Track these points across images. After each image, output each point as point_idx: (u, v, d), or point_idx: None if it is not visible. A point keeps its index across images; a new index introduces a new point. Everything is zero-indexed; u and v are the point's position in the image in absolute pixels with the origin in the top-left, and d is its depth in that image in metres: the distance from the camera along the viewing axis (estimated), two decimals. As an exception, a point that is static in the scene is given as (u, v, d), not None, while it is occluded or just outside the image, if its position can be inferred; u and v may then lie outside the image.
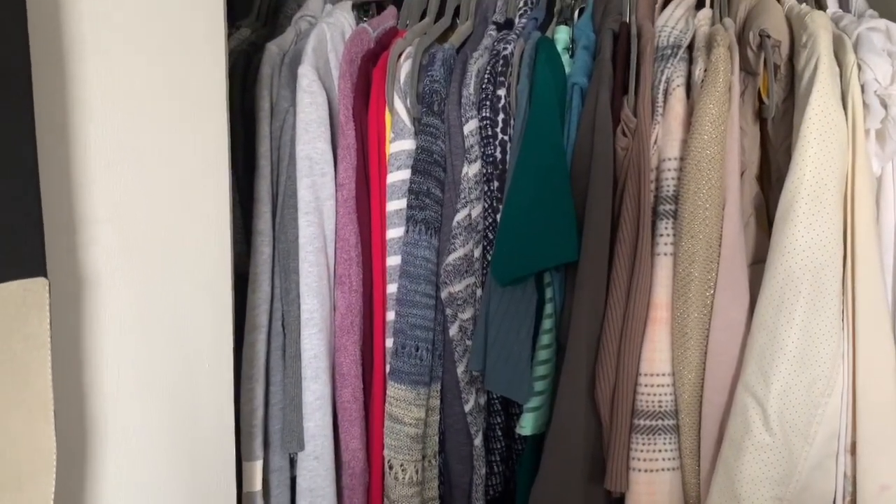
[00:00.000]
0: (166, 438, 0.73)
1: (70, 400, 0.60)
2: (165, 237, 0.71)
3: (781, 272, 0.90)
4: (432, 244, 1.01)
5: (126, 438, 0.67)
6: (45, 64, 0.57)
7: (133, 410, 0.68)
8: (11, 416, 0.51)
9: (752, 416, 0.91)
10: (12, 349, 0.51)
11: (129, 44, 0.66)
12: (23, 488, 0.52)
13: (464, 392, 1.05)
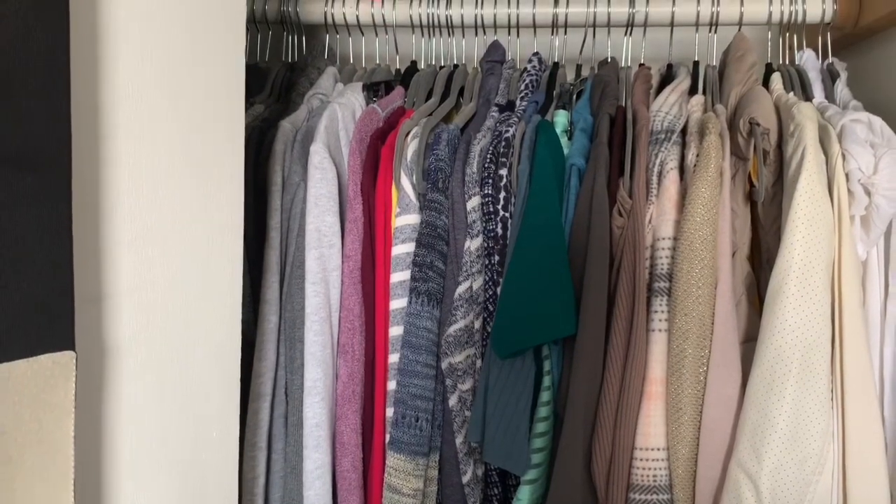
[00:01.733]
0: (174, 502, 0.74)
1: (88, 470, 0.62)
2: (183, 311, 0.73)
3: (772, 350, 0.93)
4: (434, 315, 1.04)
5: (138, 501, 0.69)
6: (82, 146, 0.61)
7: (146, 483, 0.69)
8: (36, 486, 0.53)
9: (745, 492, 0.93)
10: (39, 419, 0.53)
11: (156, 122, 0.70)
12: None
13: (462, 463, 1.06)
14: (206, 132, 0.78)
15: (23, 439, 0.52)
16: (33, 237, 0.54)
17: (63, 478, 0.55)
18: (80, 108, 0.60)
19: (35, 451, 0.53)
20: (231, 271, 0.80)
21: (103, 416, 0.64)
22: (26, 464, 0.53)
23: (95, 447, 0.64)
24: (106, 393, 0.64)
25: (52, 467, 0.55)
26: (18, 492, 0.52)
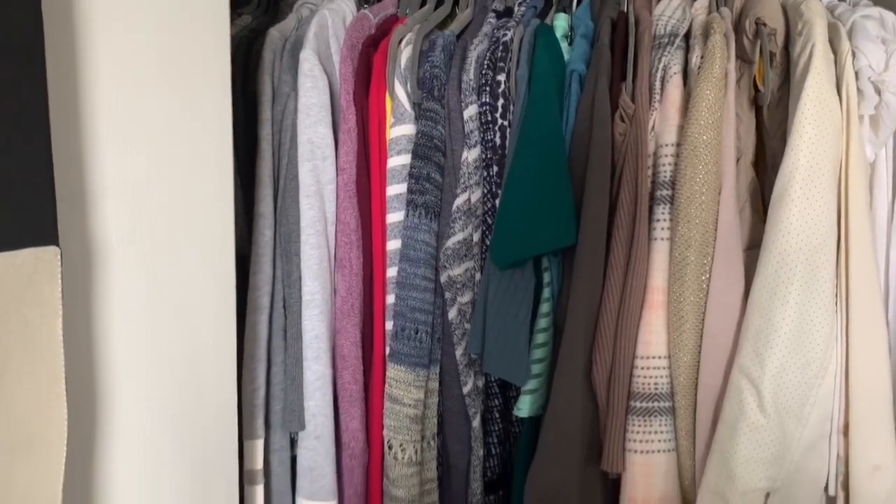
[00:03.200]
0: (171, 414, 0.73)
1: (80, 370, 0.61)
2: (171, 215, 0.72)
3: (776, 255, 0.91)
4: (432, 228, 1.02)
5: (133, 413, 0.68)
6: (57, 41, 0.58)
7: (140, 385, 0.69)
8: (24, 383, 0.52)
9: (747, 397, 0.92)
10: (24, 317, 0.52)
11: (134, 32, 0.67)
12: (36, 453, 0.53)
13: (462, 375, 1.06)
14: (190, 40, 0.75)
15: (8, 336, 0.51)
16: (8, 129, 0.51)
17: (54, 379, 0.54)
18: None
19: (22, 347, 0.52)
20: (220, 177, 0.78)
21: (93, 318, 0.63)
22: (13, 362, 0.52)
23: (87, 351, 0.63)
24: (95, 294, 0.62)
25: (41, 368, 0.53)
26: (8, 391, 0.51)
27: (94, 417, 0.64)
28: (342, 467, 1.03)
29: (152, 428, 0.72)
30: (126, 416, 0.68)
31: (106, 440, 0.66)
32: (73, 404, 0.57)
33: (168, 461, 0.74)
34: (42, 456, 0.54)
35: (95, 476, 0.65)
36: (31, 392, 0.52)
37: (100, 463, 0.65)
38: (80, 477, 0.63)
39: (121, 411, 0.67)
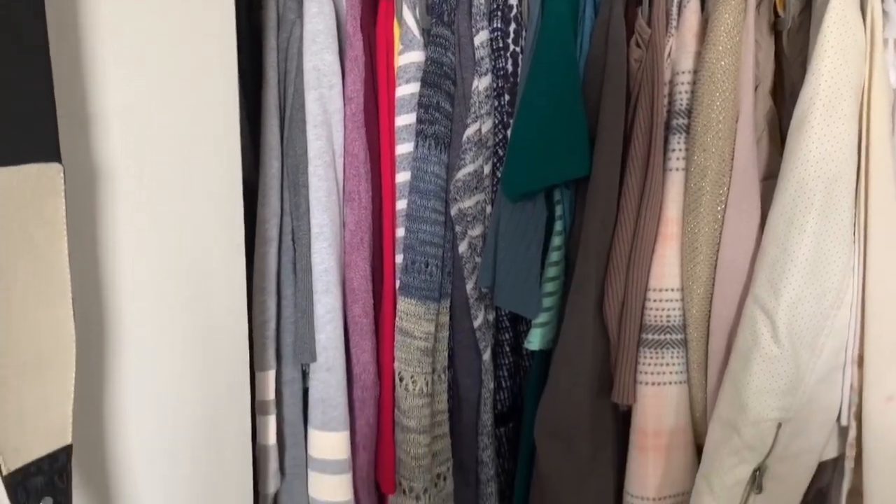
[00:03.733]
0: (182, 341, 0.73)
1: (87, 291, 0.60)
2: (175, 142, 0.70)
3: (794, 183, 0.89)
4: (442, 159, 1.00)
5: (142, 338, 0.68)
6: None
7: (149, 309, 0.68)
8: (30, 300, 0.51)
9: (761, 328, 0.91)
10: (29, 234, 0.51)
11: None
12: (45, 374, 0.53)
13: (473, 308, 1.05)
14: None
15: (14, 252, 0.50)
16: (7, 42, 0.49)
17: (61, 297, 0.53)
18: None
19: (29, 266, 0.51)
20: (225, 104, 0.76)
21: (99, 243, 0.62)
22: (20, 279, 0.51)
23: (94, 276, 0.62)
24: (100, 219, 0.61)
25: (48, 286, 0.53)
26: (16, 309, 0.51)
27: (103, 345, 0.64)
28: (354, 399, 1.04)
29: (164, 354, 0.71)
30: (136, 345, 0.67)
31: (116, 367, 0.65)
32: (81, 329, 0.57)
33: (180, 390, 0.74)
34: (51, 377, 0.53)
35: (106, 401, 0.65)
36: (38, 312, 0.52)
37: (110, 389, 0.65)
38: (90, 401, 0.63)
39: (130, 339, 0.66)
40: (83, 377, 0.59)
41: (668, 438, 1.01)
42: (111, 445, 0.65)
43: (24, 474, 0.52)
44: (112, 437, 0.65)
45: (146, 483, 0.69)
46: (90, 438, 0.63)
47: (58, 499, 0.54)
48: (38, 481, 0.53)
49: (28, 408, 0.52)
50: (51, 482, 0.54)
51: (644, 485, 1.02)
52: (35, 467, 0.53)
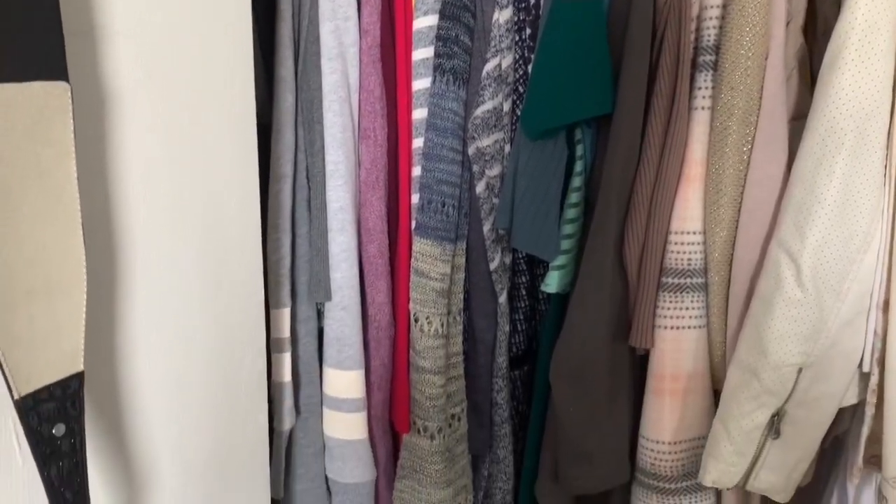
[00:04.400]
0: (195, 275, 0.72)
1: (97, 216, 0.59)
2: (187, 67, 0.68)
3: (824, 122, 0.86)
4: (460, 96, 0.97)
5: (155, 269, 0.66)
6: None
7: (162, 237, 0.66)
8: (37, 223, 0.50)
9: (785, 271, 0.89)
10: (37, 154, 0.49)
11: None
12: (55, 299, 0.52)
13: (489, 250, 1.04)
14: None
15: (21, 171, 0.48)
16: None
17: (70, 220, 0.52)
18: None
19: (36, 187, 0.50)
20: (238, 32, 0.74)
21: (109, 169, 0.60)
22: (28, 200, 0.49)
23: (104, 203, 0.60)
24: (110, 143, 0.59)
25: (57, 209, 0.51)
26: (24, 232, 0.49)
27: (114, 275, 0.63)
28: (369, 339, 1.03)
29: (176, 290, 0.70)
30: (148, 276, 0.66)
31: (127, 298, 0.64)
32: (92, 258, 0.56)
33: (192, 324, 0.73)
34: (61, 302, 0.52)
35: (117, 333, 0.64)
36: (47, 235, 0.50)
37: (121, 320, 0.64)
38: (101, 332, 0.63)
39: (142, 270, 0.65)
40: (94, 306, 0.58)
41: (685, 383, 1.00)
42: (124, 378, 0.64)
43: (36, 400, 0.51)
44: (124, 369, 0.64)
45: (159, 416, 0.68)
46: (102, 370, 0.62)
47: (70, 425, 0.54)
48: (49, 407, 0.52)
49: (38, 334, 0.52)
50: (63, 408, 0.53)
51: (660, 429, 1.02)
52: (47, 393, 0.52)
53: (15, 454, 0.54)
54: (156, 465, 0.68)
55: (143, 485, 0.67)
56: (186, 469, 0.73)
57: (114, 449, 0.64)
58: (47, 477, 0.53)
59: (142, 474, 0.67)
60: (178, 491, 0.71)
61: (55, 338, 0.53)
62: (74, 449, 0.54)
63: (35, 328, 0.51)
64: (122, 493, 0.65)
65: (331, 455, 1.03)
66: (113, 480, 0.64)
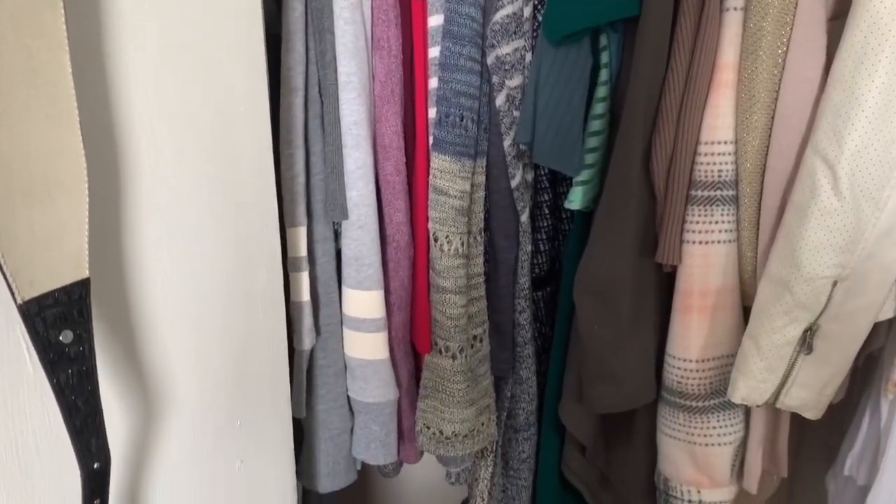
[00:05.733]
0: (206, 185, 0.69)
1: (96, 116, 0.57)
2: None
3: (867, 19, 0.80)
4: (478, 0, 0.92)
5: (163, 178, 0.64)
6: None
7: (169, 146, 0.64)
8: (32, 121, 0.47)
9: (821, 179, 0.85)
10: (27, 46, 0.47)
11: None
12: (55, 200, 0.50)
13: (510, 167, 1.00)
14: None
15: (10, 65, 0.46)
16: None
17: (67, 118, 0.49)
18: None
19: (29, 85, 0.47)
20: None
21: (108, 68, 0.57)
22: (20, 96, 0.47)
23: (105, 104, 0.58)
24: (109, 45, 0.56)
25: (52, 104, 0.49)
26: (17, 128, 0.47)
27: (119, 182, 0.60)
28: (388, 260, 1.01)
29: (186, 199, 0.68)
30: (154, 186, 0.64)
31: (134, 209, 0.62)
32: (94, 160, 0.53)
33: (204, 238, 0.71)
34: (62, 205, 0.50)
35: (125, 244, 0.62)
36: (43, 131, 0.48)
37: (129, 231, 0.62)
38: (110, 241, 0.61)
39: (149, 181, 0.63)
40: (98, 212, 0.56)
41: (714, 299, 0.97)
42: (133, 288, 0.63)
43: (40, 305, 0.50)
44: (133, 279, 0.63)
45: (173, 330, 0.67)
46: (110, 280, 0.61)
47: (78, 332, 0.52)
48: (55, 313, 0.51)
49: (39, 236, 0.50)
50: (69, 315, 0.52)
51: (687, 347, 0.99)
52: (51, 299, 0.50)
53: (26, 363, 0.53)
54: (172, 382, 0.67)
55: (159, 401, 0.66)
56: (205, 386, 0.71)
57: (126, 363, 0.63)
58: (56, 384, 0.51)
59: (158, 390, 0.66)
60: (196, 409, 0.71)
61: (57, 242, 0.51)
62: (83, 356, 0.53)
63: (35, 231, 0.49)
64: (138, 410, 0.64)
65: (352, 375, 1.03)
66: (127, 395, 0.63)
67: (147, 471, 0.66)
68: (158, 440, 0.66)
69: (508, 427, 1.13)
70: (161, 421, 0.66)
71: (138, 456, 0.65)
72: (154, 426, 0.66)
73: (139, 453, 0.65)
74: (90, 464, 0.54)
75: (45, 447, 0.55)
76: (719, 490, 1.05)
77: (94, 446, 0.54)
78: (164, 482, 0.67)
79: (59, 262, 0.51)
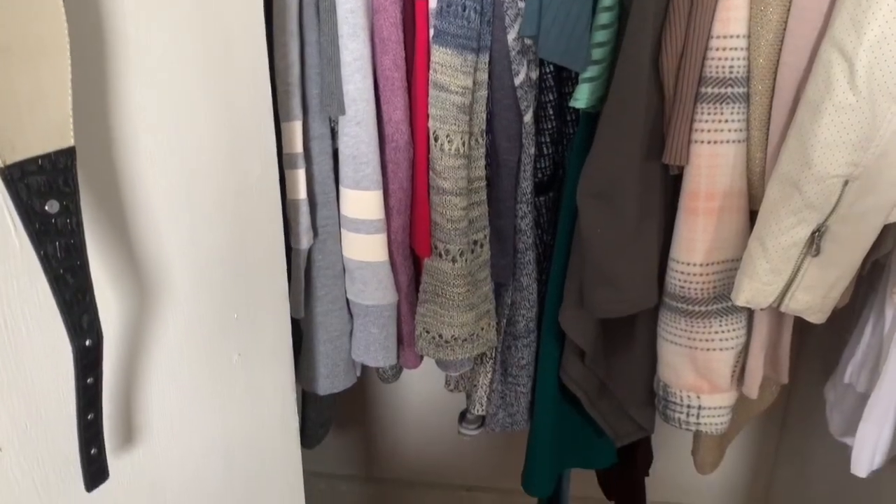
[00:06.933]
0: (196, 64, 0.66)
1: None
2: None
3: None
4: None
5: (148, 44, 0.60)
6: None
7: (156, 20, 0.60)
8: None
9: (837, 73, 0.81)
10: None
11: None
12: (35, 59, 0.47)
13: (514, 63, 0.96)
14: None
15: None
16: None
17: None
18: None
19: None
20: None
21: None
22: None
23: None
24: None
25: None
26: None
27: (105, 49, 0.57)
28: (386, 161, 0.98)
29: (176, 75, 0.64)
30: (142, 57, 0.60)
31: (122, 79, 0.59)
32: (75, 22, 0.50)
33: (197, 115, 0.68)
34: (43, 65, 0.47)
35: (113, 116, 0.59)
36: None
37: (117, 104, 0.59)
38: (96, 113, 0.58)
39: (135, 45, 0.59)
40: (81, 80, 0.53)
41: (721, 201, 0.95)
42: (122, 165, 0.60)
43: (23, 171, 0.47)
44: (122, 155, 0.60)
45: (165, 213, 0.64)
46: (97, 155, 0.58)
47: (64, 203, 0.50)
48: (39, 181, 0.48)
49: (21, 98, 0.47)
50: (55, 184, 0.49)
51: (692, 250, 0.97)
52: (34, 165, 0.48)
53: (11, 236, 0.51)
54: (167, 266, 0.65)
55: (153, 289, 0.64)
56: (200, 273, 0.70)
57: (118, 243, 0.61)
58: (43, 256, 0.49)
59: (152, 274, 0.64)
60: (192, 296, 0.69)
61: (41, 105, 0.48)
62: (71, 230, 0.51)
63: (17, 92, 0.46)
64: (132, 293, 0.63)
65: (351, 277, 1.01)
66: (121, 278, 0.62)
67: (144, 357, 0.64)
68: (154, 326, 0.65)
69: (508, 334, 1.13)
70: (156, 307, 0.65)
71: (135, 341, 0.63)
72: (149, 311, 0.64)
73: (136, 338, 0.63)
74: (82, 340, 0.53)
75: (34, 326, 0.54)
76: (719, 395, 1.05)
77: (86, 322, 0.53)
78: (162, 369, 0.66)
79: (43, 129, 0.48)
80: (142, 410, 0.65)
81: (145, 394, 0.65)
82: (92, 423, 0.55)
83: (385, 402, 1.77)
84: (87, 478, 0.56)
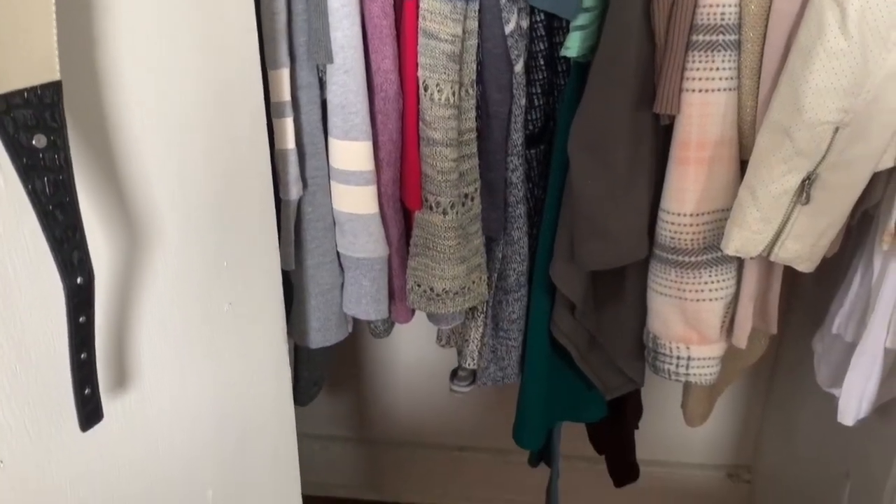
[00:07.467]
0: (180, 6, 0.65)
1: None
2: None
3: None
4: None
5: None
6: None
7: None
8: None
9: (828, 18, 0.81)
10: None
11: None
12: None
13: (504, 11, 0.95)
14: None
15: None
16: None
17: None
18: None
19: None
20: None
21: None
22: None
23: None
24: None
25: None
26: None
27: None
28: (376, 112, 0.97)
29: (162, 28, 0.64)
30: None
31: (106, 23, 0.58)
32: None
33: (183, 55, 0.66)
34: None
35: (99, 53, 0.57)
36: None
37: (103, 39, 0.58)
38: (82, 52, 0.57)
39: None
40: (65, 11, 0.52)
41: (711, 151, 0.95)
42: (110, 103, 0.59)
43: (9, 104, 0.46)
44: (111, 94, 0.59)
45: (153, 154, 0.63)
46: (84, 92, 0.57)
47: (52, 138, 0.49)
48: (25, 114, 0.47)
49: (4, 29, 0.46)
50: (41, 119, 0.48)
51: (682, 201, 0.97)
52: (20, 98, 0.47)
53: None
54: (156, 210, 0.65)
55: (143, 234, 0.64)
56: (190, 219, 0.69)
57: (106, 184, 0.60)
58: (32, 191, 0.49)
59: (142, 217, 0.63)
60: (182, 241, 0.68)
61: (24, 36, 0.47)
62: (59, 167, 0.50)
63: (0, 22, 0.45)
64: (122, 235, 0.62)
65: (341, 230, 1.01)
66: (111, 220, 0.61)
67: (135, 302, 0.64)
68: (144, 271, 0.64)
69: (499, 288, 1.13)
70: (146, 252, 0.64)
71: (125, 286, 0.63)
72: (139, 256, 0.63)
73: (126, 283, 0.63)
74: (73, 278, 0.52)
75: (21, 267, 0.53)
76: (708, 346, 1.06)
77: (76, 259, 0.52)
78: (153, 315, 0.66)
79: (28, 61, 0.47)
80: (133, 356, 0.65)
81: (136, 339, 0.65)
82: (85, 362, 0.55)
83: (377, 363, 1.78)
84: (82, 418, 0.56)
